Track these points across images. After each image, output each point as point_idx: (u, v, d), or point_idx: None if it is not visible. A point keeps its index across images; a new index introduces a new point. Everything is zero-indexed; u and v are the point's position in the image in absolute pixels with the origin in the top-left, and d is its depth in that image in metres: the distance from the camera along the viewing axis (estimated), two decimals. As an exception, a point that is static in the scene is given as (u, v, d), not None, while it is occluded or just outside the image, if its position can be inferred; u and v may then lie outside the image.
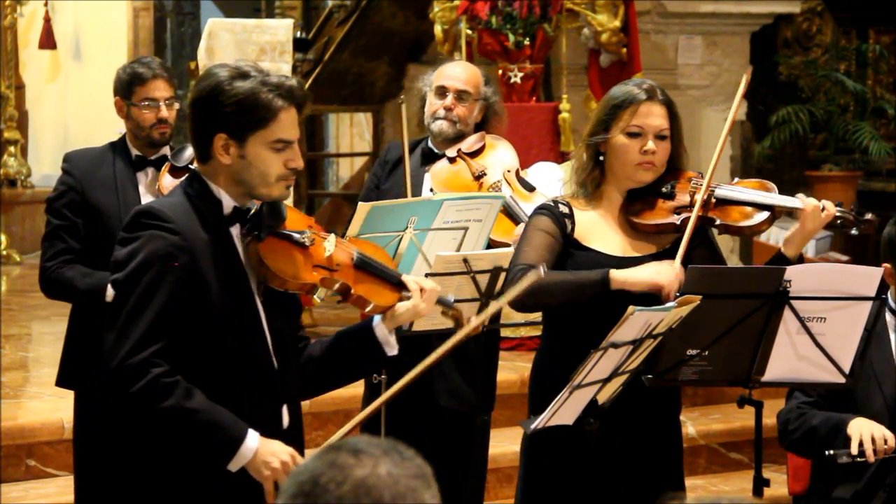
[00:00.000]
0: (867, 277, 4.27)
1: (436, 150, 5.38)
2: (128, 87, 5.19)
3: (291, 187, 3.72)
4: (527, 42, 8.63)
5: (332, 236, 3.79)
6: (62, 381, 5.29)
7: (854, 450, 4.54)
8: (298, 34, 10.08)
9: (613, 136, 4.32)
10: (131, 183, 5.18)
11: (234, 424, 3.56)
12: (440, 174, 5.31)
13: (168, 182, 5.11)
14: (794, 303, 4.19)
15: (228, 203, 3.65)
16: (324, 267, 3.72)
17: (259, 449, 3.55)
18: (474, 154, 5.33)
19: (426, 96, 5.39)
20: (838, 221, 4.36)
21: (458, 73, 5.39)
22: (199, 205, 3.62)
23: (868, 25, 11.04)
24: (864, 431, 4.58)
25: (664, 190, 4.37)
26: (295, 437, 3.71)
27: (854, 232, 4.39)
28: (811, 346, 4.25)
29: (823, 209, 4.31)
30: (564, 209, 4.37)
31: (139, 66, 5.22)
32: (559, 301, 4.29)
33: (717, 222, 4.35)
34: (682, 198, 4.36)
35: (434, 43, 9.16)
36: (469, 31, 8.66)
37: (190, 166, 5.11)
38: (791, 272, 4.17)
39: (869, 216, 4.39)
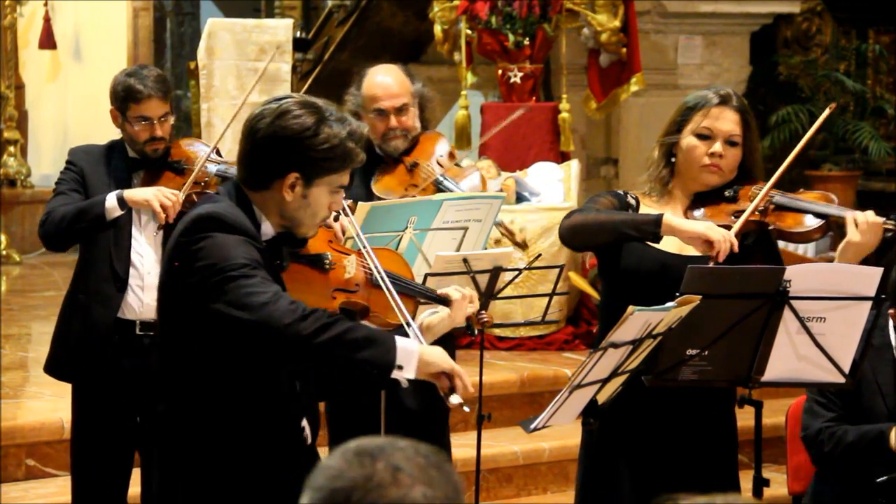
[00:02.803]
0: (867, 277, 4.27)
1: (380, 155, 5.38)
2: (123, 102, 5.20)
3: None
4: (526, 42, 8.63)
5: (353, 256, 3.77)
6: (52, 370, 5.34)
7: None
8: (298, 34, 10.08)
9: (684, 137, 4.37)
10: (126, 183, 5.22)
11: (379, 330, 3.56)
12: (381, 182, 5.34)
13: None
14: (794, 303, 4.19)
15: (268, 231, 3.65)
16: (343, 290, 3.74)
17: (421, 350, 3.52)
18: (406, 152, 5.36)
19: (359, 113, 5.35)
20: (888, 234, 4.39)
21: (388, 87, 5.33)
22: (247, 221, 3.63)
23: (868, 25, 11.04)
24: None
25: (727, 194, 4.40)
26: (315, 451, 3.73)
27: None
28: (811, 346, 4.25)
29: (872, 222, 4.34)
30: (632, 201, 4.43)
31: (136, 82, 5.19)
32: (609, 237, 4.32)
33: (771, 227, 4.40)
34: (743, 203, 4.39)
35: (434, 43, 9.16)
36: (469, 31, 8.66)
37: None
38: (791, 272, 4.17)
39: None
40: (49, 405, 6.61)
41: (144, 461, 5.31)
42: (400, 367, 3.49)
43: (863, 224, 4.35)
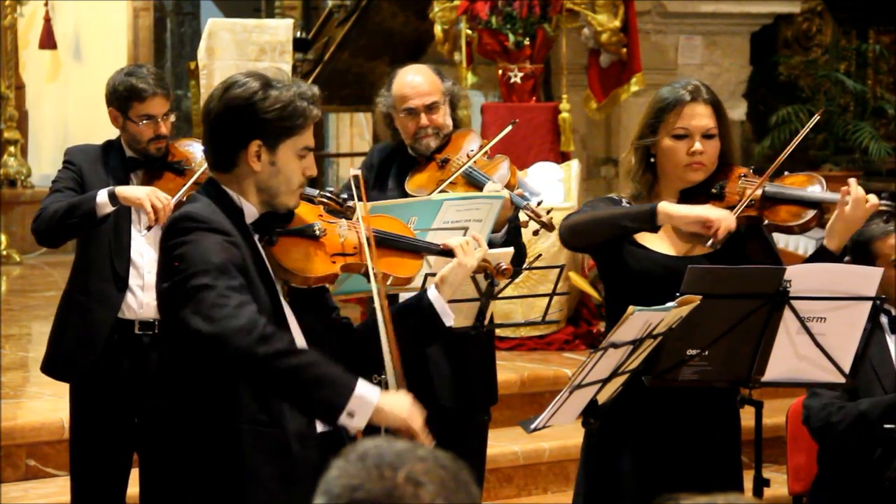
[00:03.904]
0: (867, 277, 4.27)
1: (414, 156, 5.40)
2: (125, 102, 5.18)
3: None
4: (527, 42, 8.63)
5: (343, 220, 3.82)
6: (49, 370, 5.33)
7: None
8: (298, 34, 10.08)
9: (661, 140, 4.36)
10: (123, 183, 5.20)
11: (344, 372, 3.53)
12: (413, 180, 5.35)
13: None
14: (794, 303, 4.19)
15: (251, 211, 3.69)
16: (341, 254, 3.76)
17: (381, 401, 3.50)
18: (438, 150, 5.37)
19: (391, 114, 5.36)
20: (885, 218, 4.38)
21: (418, 86, 5.32)
22: (225, 212, 3.65)
23: (868, 25, 11.04)
24: None
25: (714, 191, 4.39)
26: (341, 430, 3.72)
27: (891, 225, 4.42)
28: (811, 346, 4.25)
29: (867, 200, 4.33)
30: (626, 205, 4.42)
31: (137, 81, 5.17)
32: (608, 232, 4.33)
33: (766, 222, 4.38)
34: (732, 198, 4.38)
35: (434, 43, 9.16)
36: (469, 31, 8.66)
37: None
38: (791, 272, 4.17)
39: None
40: (49, 405, 6.61)
41: (143, 461, 5.30)
42: (350, 415, 3.47)
43: (853, 199, 4.31)
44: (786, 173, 4.54)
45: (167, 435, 3.73)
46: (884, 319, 4.90)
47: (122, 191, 5.01)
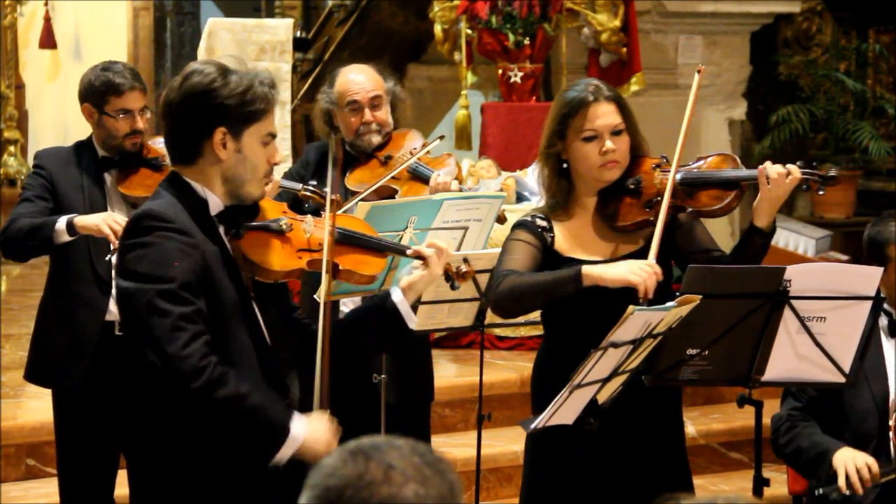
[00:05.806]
0: (867, 277, 4.27)
1: (354, 154, 5.40)
2: (101, 96, 5.17)
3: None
4: (527, 42, 8.63)
5: (309, 217, 3.84)
6: (34, 377, 5.31)
7: (842, 485, 4.57)
8: (298, 34, 10.09)
9: (570, 144, 4.34)
10: (97, 183, 5.20)
11: (282, 414, 3.59)
12: (353, 176, 5.36)
13: None
14: (794, 302, 4.19)
15: (216, 203, 3.67)
16: (307, 249, 3.77)
17: (305, 438, 3.58)
18: (379, 148, 5.38)
19: (331, 112, 5.37)
20: (804, 187, 4.36)
21: (361, 82, 5.36)
22: (188, 206, 3.63)
23: (868, 25, 11.04)
24: (848, 464, 4.60)
25: (631, 187, 4.36)
26: (306, 405, 3.77)
27: (821, 192, 4.38)
28: (811, 345, 4.25)
29: (788, 174, 4.29)
30: (543, 223, 4.38)
31: (114, 76, 5.17)
32: (537, 304, 4.34)
33: (689, 210, 4.35)
34: (650, 191, 4.35)
35: (434, 43, 9.16)
36: (469, 31, 8.67)
37: None
38: (791, 272, 4.17)
39: (833, 172, 4.38)
40: (49, 405, 6.58)
41: (130, 462, 5.30)
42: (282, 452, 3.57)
43: (779, 176, 4.28)
44: (698, 157, 4.50)
45: (143, 437, 3.72)
46: (883, 321, 4.86)
47: (80, 220, 4.99)
